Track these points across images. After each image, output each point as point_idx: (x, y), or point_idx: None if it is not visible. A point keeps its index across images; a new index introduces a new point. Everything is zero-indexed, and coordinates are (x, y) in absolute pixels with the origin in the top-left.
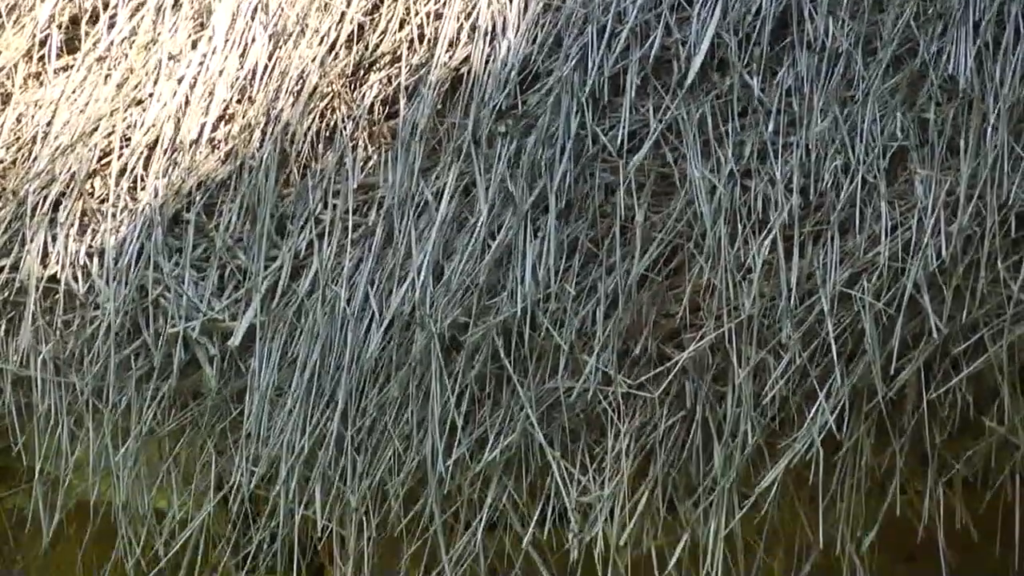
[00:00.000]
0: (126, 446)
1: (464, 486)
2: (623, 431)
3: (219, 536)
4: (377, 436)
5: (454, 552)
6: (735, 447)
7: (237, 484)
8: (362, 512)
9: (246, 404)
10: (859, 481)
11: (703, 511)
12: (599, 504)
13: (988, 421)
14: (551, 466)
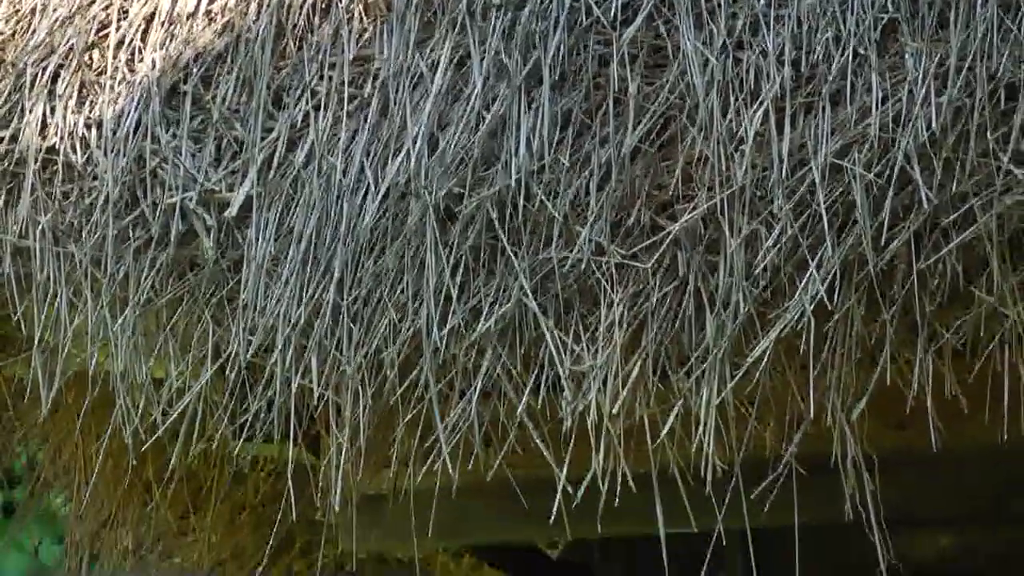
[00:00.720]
0: (124, 315)
1: (459, 355)
2: (616, 301)
3: (216, 405)
4: (373, 306)
5: (449, 420)
6: (727, 316)
7: (234, 353)
8: (358, 381)
9: (243, 274)
10: (850, 350)
11: (695, 380)
12: (592, 373)
13: (977, 291)
14: (545, 335)
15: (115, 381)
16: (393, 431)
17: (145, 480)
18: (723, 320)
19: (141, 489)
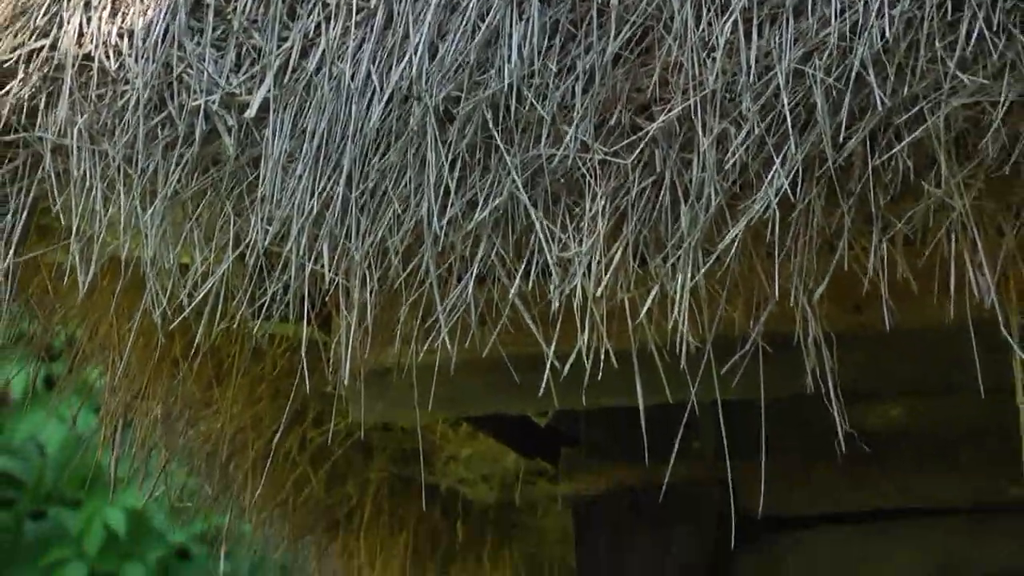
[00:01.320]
0: (153, 207)
1: (457, 243)
2: (599, 194)
3: (237, 288)
4: (379, 199)
5: (448, 303)
6: (700, 208)
7: (253, 242)
8: (365, 267)
9: (261, 170)
10: (811, 239)
11: (671, 266)
12: (578, 260)
13: (926, 185)
14: (535, 225)
15: (145, 267)
16: (397, 312)
17: (173, 356)
18: (696, 211)
19: (169, 364)
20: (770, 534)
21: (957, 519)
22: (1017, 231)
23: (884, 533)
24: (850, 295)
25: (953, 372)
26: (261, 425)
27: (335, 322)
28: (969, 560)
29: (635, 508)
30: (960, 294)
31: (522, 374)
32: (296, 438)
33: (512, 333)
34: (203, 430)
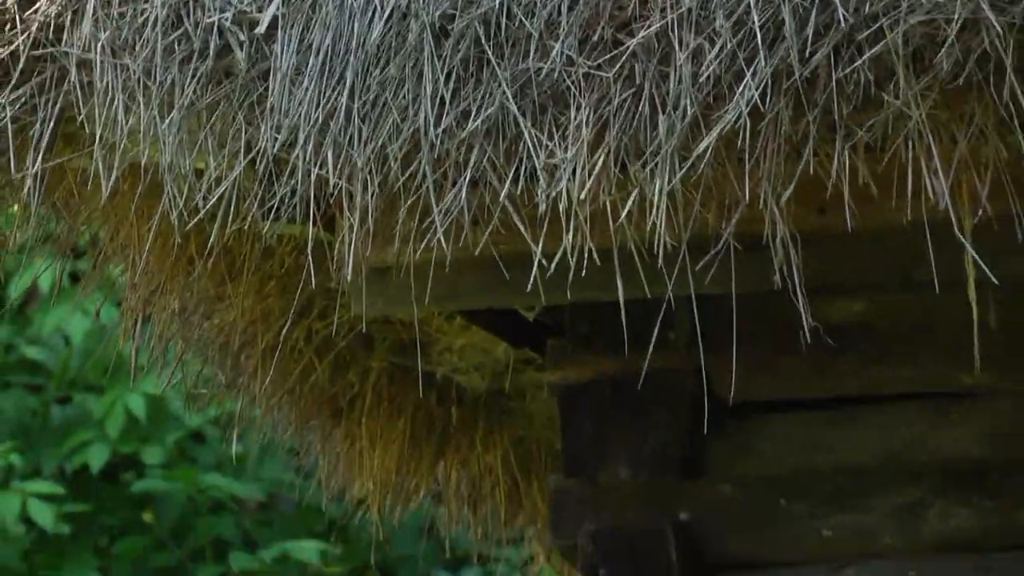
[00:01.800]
0: (170, 117)
1: (451, 150)
2: (583, 104)
3: (248, 192)
4: (379, 109)
5: (443, 205)
6: (676, 118)
7: (263, 149)
8: (366, 172)
9: (270, 82)
10: (779, 146)
11: (650, 171)
12: (563, 165)
13: (886, 96)
14: (523, 134)
15: (163, 172)
16: (396, 214)
17: (188, 255)
18: (673, 121)
19: (185, 262)
20: (740, 419)
21: (913, 406)
22: (969, 139)
23: (846, 419)
24: (815, 198)
25: (910, 269)
26: (270, 318)
27: (339, 223)
28: (924, 444)
29: (616, 395)
30: (916, 197)
31: (512, 271)
32: (303, 331)
33: (502, 233)
34: (216, 323)
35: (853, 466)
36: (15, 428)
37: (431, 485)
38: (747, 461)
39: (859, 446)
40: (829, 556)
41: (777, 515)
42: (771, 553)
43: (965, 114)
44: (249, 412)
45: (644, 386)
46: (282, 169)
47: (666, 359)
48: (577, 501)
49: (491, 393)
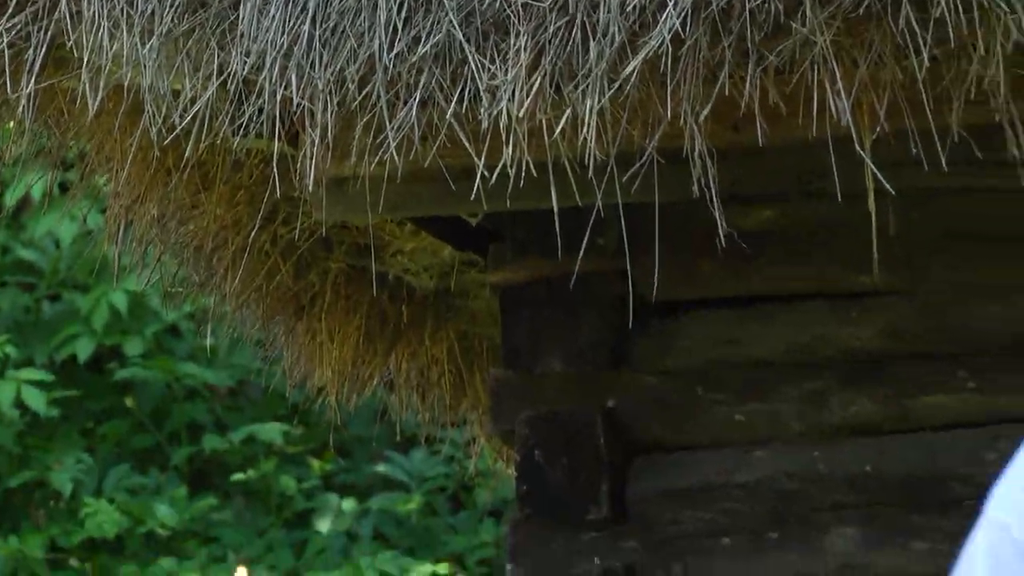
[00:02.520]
0: (151, 43)
1: (403, 73)
2: (522, 32)
3: (220, 110)
4: (338, 36)
5: (395, 123)
6: (605, 44)
7: (233, 71)
8: (326, 93)
9: (240, 11)
10: (698, 70)
11: (581, 92)
12: (503, 87)
13: (795, 24)
14: (468, 58)
15: (144, 93)
16: (353, 131)
17: (166, 167)
18: (602, 46)
19: (163, 174)
20: (662, 317)
21: (818, 305)
22: (869, 64)
23: (757, 317)
24: (730, 116)
25: (815, 180)
26: (240, 224)
27: (301, 139)
28: (827, 339)
29: (550, 294)
30: (821, 115)
31: (457, 182)
32: (269, 235)
33: (449, 148)
34: (191, 228)
35: (763, 359)
36: (10, 323)
37: (383, 374)
38: (668, 354)
39: (769, 341)
40: (741, 439)
41: (695, 403)
42: (689, 437)
43: (865, 41)
44: (220, 308)
45: (576, 287)
46: (251, 90)
47: (596, 263)
48: (515, 390)
49: (438, 292)
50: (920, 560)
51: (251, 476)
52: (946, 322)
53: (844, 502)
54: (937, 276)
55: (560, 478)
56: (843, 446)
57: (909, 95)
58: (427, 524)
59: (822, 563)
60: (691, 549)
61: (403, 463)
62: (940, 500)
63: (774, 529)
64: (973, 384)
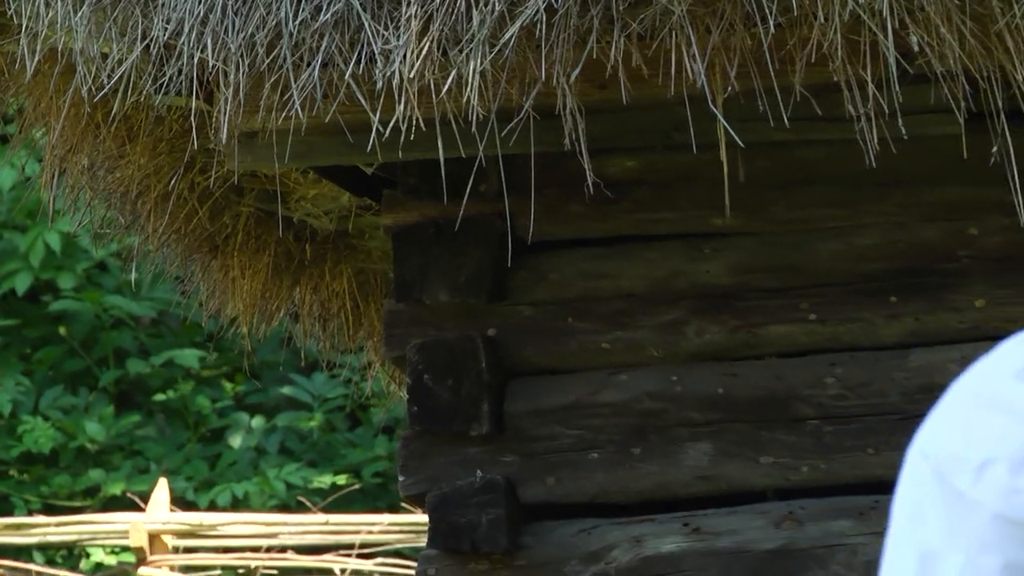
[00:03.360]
0: (82, 11)
1: (306, 38)
2: (412, 1)
3: (143, 71)
4: (249, 5)
5: (299, 83)
6: (487, 12)
7: (156, 36)
8: (238, 56)
9: None
10: (569, 36)
11: (465, 55)
12: (396, 51)
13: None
14: (364, 25)
15: (76, 56)
16: (262, 90)
17: (96, 122)
18: (484, 15)
19: (93, 128)
20: (536, 255)
21: (675, 244)
22: (721, 31)
23: (621, 254)
24: (597, 77)
25: (674, 133)
26: (161, 172)
27: (216, 97)
28: (683, 274)
29: (437, 235)
30: (679, 77)
31: (355, 136)
32: (187, 182)
33: (347, 105)
34: (118, 176)
35: (626, 292)
36: None
37: (289, 306)
38: (541, 288)
39: (631, 276)
40: (607, 364)
41: (565, 331)
42: (560, 361)
43: (718, 10)
44: (144, 247)
45: (460, 228)
46: (171, 53)
47: (478, 206)
48: (406, 320)
49: (337, 233)
50: (766, 472)
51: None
52: (789, 259)
53: (699, 420)
54: (781, 218)
55: (446, 398)
56: (697, 370)
57: (756, 58)
58: (327, 439)
59: (680, 474)
60: (563, 462)
61: (306, 385)
62: (784, 418)
63: (637, 444)
64: (814, 315)
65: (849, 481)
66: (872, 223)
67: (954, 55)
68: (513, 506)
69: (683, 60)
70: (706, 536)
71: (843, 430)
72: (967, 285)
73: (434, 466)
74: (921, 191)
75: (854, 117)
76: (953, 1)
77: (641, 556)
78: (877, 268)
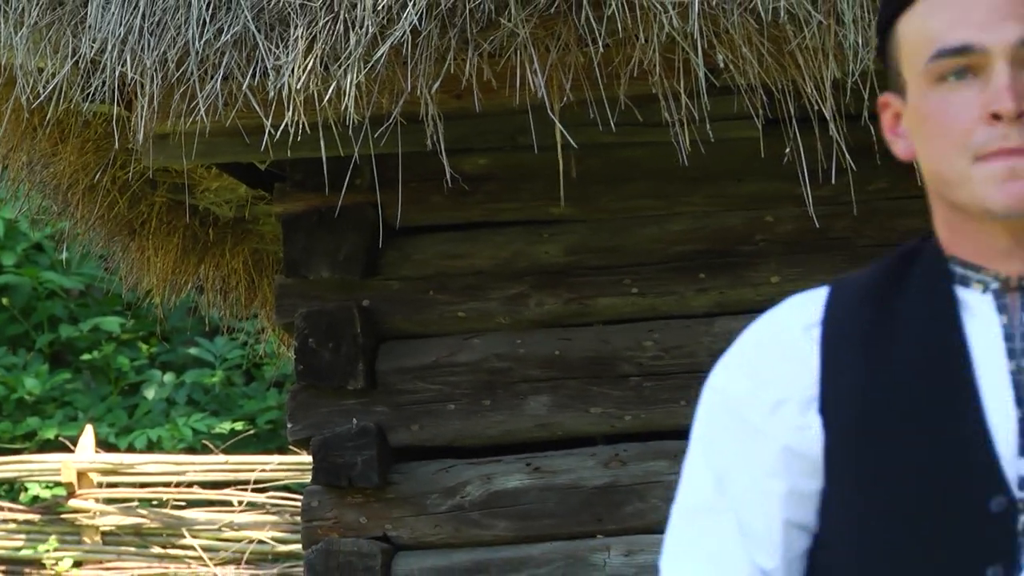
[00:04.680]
0: (21, 31)
1: (211, 55)
2: (299, 25)
3: (73, 83)
4: (162, 27)
5: (204, 93)
6: (362, 34)
7: (84, 54)
8: (153, 70)
9: (89, 9)
10: (430, 54)
11: (344, 70)
12: (285, 66)
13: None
14: (259, 44)
15: (16, 70)
16: (172, 99)
17: (33, 125)
18: (360, 36)
19: (31, 130)
20: (402, 238)
21: (519, 228)
22: (558, 50)
23: (474, 238)
24: (454, 88)
25: (518, 136)
26: (88, 168)
27: (134, 104)
28: (526, 254)
29: (320, 221)
30: (523, 89)
31: (251, 137)
32: (110, 176)
33: (244, 111)
34: (52, 171)
35: (478, 269)
36: None
37: (195, 280)
38: (407, 266)
39: (482, 256)
40: (462, 330)
41: (427, 302)
42: (423, 328)
43: (555, 33)
44: (73, 231)
45: (339, 215)
46: (96, 68)
47: (354, 197)
48: (293, 293)
49: (236, 219)
50: (595, 421)
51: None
52: (614, 242)
53: (539, 377)
54: (608, 207)
55: (327, 358)
56: (537, 335)
57: (588, 73)
58: (227, 392)
59: (523, 423)
60: (425, 412)
61: (209, 347)
62: (611, 376)
63: (487, 397)
64: (635, 289)
65: (665, 428)
66: (684, 212)
67: (753, 71)
68: (383, 449)
69: (526, 75)
70: (545, 474)
71: (659, 385)
72: (763, 264)
73: (317, 415)
74: (725, 185)
75: (669, 123)
76: (752, 25)
77: (490, 491)
78: (688, 250)
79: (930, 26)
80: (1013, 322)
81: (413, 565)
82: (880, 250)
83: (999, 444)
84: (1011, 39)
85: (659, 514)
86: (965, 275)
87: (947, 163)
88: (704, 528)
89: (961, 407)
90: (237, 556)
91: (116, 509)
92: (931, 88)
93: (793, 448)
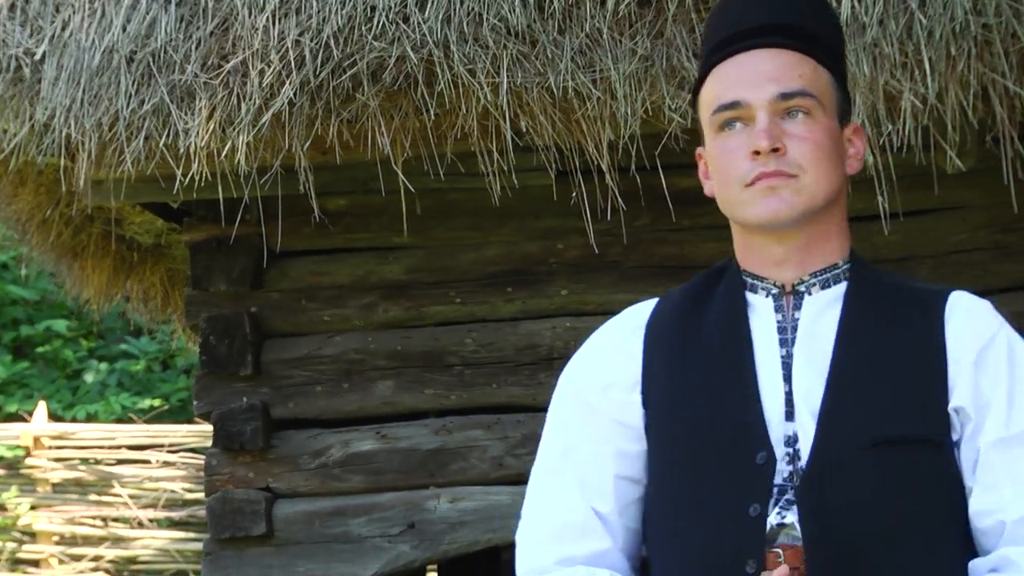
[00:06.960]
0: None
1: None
2: (203, 99)
3: (30, 142)
4: (99, 98)
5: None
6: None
7: (37, 119)
8: (92, 131)
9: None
10: (304, 120)
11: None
12: (193, 129)
13: (358, 94)
14: (172, 114)
15: None
16: (107, 153)
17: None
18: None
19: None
20: (282, 259)
21: (371, 253)
22: (400, 117)
23: (336, 259)
24: (321, 146)
25: (370, 182)
26: (42, 205)
27: (78, 157)
28: (374, 272)
29: (219, 246)
30: (373, 146)
31: (166, 183)
32: (58, 212)
33: (161, 163)
34: (13, 208)
35: (340, 284)
36: None
37: (124, 292)
38: (285, 281)
39: (342, 274)
40: (327, 330)
41: (300, 309)
42: (297, 328)
43: (399, 104)
44: (30, 254)
45: (233, 242)
46: (48, 130)
47: (244, 229)
48: (198, 301)
49: (155, 245)
50: (429, 399)
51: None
52: (444, 263)
53: (385, 366)
54: (439, 237)
55: (224, 352)
56: (384, 334)
57: (423, 135)
58: (149, 378)
59: (373, 401)
60: (299, 392)
61: (135, 343)
62: (440, 365)
63: (346, 382)
64: (459, 299)
65: (481, 405)
66: (495, 241)
67: (548, 134)
68: (267, 421)
69: (376, 136)
70: (391, 440)
71: (477, 372)
72: (555, 281)
73: (216, 395)
74: (526, 221)
75: (484, 173)
76: (548, 99)
77: (348, 453)
78: (499, 270)
79: (714, 90)
80: (786, 318)
81: (288, 510)
82: (644, 271)
83: (768, 411)
84: (768, 96)
85: (477, 471)
86: (754, 283)
87: (728, 191)
88: (553, 484)
89: (742, 384)
90: (155, 502)
91: (63, 466)
92: (716, 136)
93: (620, 420)
